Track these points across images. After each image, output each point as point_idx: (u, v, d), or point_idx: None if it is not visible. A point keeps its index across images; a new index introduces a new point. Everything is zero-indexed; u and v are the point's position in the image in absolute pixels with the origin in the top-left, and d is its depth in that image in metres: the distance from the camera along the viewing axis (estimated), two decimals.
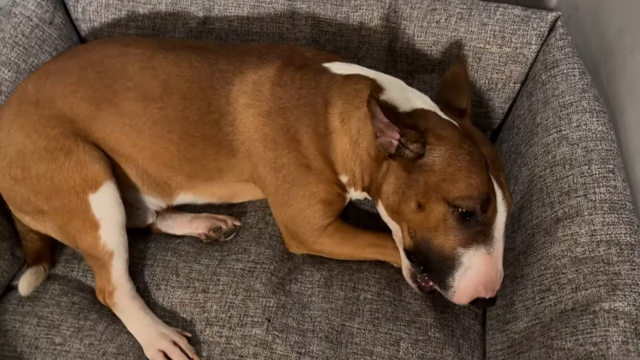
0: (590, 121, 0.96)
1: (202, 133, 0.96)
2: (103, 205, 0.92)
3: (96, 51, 0.97)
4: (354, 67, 0.99)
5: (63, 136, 0.91)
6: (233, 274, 1.02)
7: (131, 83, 0.94)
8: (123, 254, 0.96)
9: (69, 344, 0.95)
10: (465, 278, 0.83)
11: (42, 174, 0.90)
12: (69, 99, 0.93)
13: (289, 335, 0.96)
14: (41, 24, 1.11)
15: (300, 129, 0.95)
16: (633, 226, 0.85)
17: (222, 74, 0.96)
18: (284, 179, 0.97)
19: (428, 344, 0.96)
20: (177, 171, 1.00)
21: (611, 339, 0.77)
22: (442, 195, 0.83)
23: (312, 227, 0.99)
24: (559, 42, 1.07)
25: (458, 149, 0.84)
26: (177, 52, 0.97)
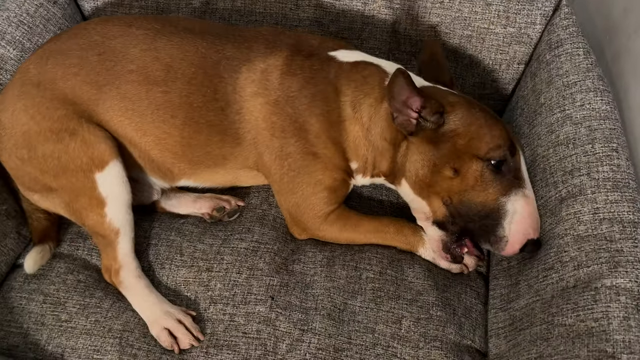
0: (594, 100, 0.95)
1: (207, 120, 0.96)
2: (109, 184, 0.93)
3: (97, 31, 0.96)
4: (358, 54, 1.00)
5: (67, 118, 0.91)
6: (237, 253, 1.03)
7: (133, 65, 0.94)
8: (129, 232, 0.96)
9: (74, 320, 0.96)
10: (515, 223, 0.86)
11: (48, 154, 0.91)
12: (71, 82, 0.93)
13: (292, 313, 0.97)
14: (45, 3, 1.11)
15: (310, 117, 0.95)
16: (636, 204, 0.85)
17: (229, 61, 0.96)
18: (290, 167, 0.97)
19: (430, 322, 0.96)
20: (180, 158, 1.00)
21: (612, 314, 0.77)
22: (473, 154, 0.87)
23: (315, 214, 1.00)
24: (563, 21, 1.06)
25: (472, 109, 0.90)
26: (182, 35, 0.96)
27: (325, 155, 0.97)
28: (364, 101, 0.95)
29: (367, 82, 0.95)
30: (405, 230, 1.03)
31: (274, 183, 1.01)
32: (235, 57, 0.96)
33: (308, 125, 0.95)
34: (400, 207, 1.12)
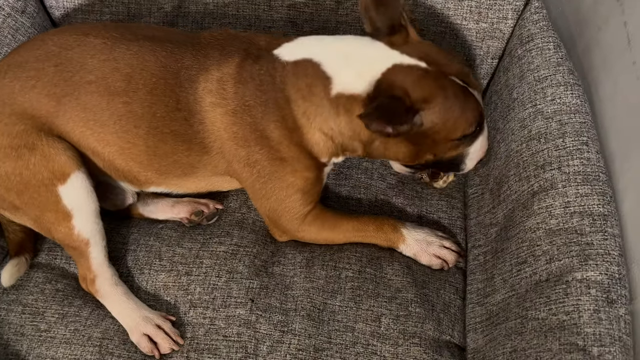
0: (565, 94, 0.96)
1: (171, 129, 0.95)
2: (73, 196, 0.92)
3: (53, 42, 0.94)
4: (300, 44, 0.95)
5: (26, 133, 0.90)
6: (216, 257, 1.03)
7: (92, 76, 0.92)
8: (100, 241, 0.96)
9: (54, 330, 0.96)
10: (473, 159, 0.98)
11: (10, 172, 0.90)
12: (28, 95, 0.92)
13: (272, 315, 0.97)
14: (13, 13, 1.10)
15: (268, 125, 0.94)
16: (606, 197, 0.86)
17: (188, 71, 0.94)
18: (259, 174, 0.97)
19: (409, 319, 0.97)
20: (146, 167, 0.99)
21: (583, 307, 0.78)
22: (450, 139, 0.92)
23: (292, 217, 1.00)
24: (533, 15, 1.07)
25: (445, 99, 0.88)
26: (141, 44, 0.95)
27: (292, 158, 0.96)
28: (317, 113, 0.93)
29: (313, 94, 0.91)
30: (385, 227, 1.04)
31: (247, 189, 1.01)
32: (193, 67, 0.94)
33: (268, 133, 0.94)
34: (379, 205, 1.12)
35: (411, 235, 1.03)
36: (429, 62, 0.88)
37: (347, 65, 0.90)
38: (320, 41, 0.95)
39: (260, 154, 0.95)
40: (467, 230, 1.09)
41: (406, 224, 1.05)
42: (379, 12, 0.91)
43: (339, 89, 0.90)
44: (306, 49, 0.94)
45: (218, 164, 0.99)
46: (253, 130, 0.94)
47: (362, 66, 0.90)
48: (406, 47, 0.90)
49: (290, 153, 0.95)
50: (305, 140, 0.95)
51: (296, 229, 1.02)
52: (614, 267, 0.80)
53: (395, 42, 0.91)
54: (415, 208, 1.12)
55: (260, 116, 0.94)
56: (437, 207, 1.12)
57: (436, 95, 0.87)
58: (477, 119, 0.91)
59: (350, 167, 1.15)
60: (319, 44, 0.94)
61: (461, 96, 0.89)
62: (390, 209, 1.12)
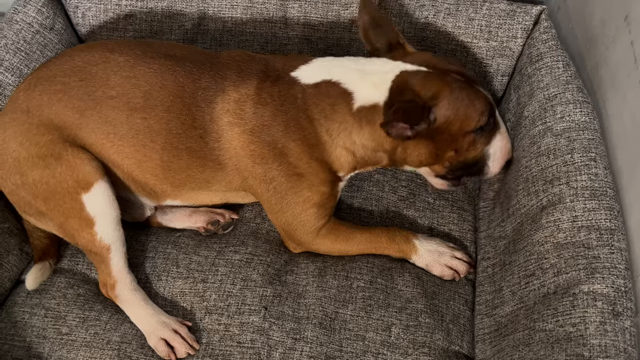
0: (574, 112, 0.98)
1: (186, 146, 0.98)
2: (96, 204, 0.96)
3: (80, 57, 0.99)
4: (316, 66, 1.00)
5: (53, 142, 0.94)
6: (231, 265, 1.06)
7: (113, 92, 0.96)
8: (120, 247, 1.00)
9: (75, 333, 1.00)
10: (496, 160, 1.02)
11: (37, 180, 0.94)
12: (55, 107, 0.96)
13: (284, 322, 1.00)
14: (42, 30, 1.15)
15: (288, 143, 0.97)
16: (613, 212, 0.88)
17: (205, 91, 0.98)
18: (276, 190, 1.00)
19: (418, 329, 0.99)
20: (161, 180, 1.02)
21: (589, 319, 0.80)
22: (465, 131, 0.95)
23: (307, 230, 1.03)
24: (542, 35, 1.09)
25: (452, 91, 0.93)
26: (161, 63, 0.98)
27: (310, 174, 0.99)
28: (340, 129, 0.97)
29: (337, 111, 0.96)
30: (397, 238, 1.06)
31: (263, 203, 1.04)
32: (210, 87, 0.98)
33: (287, 150, 0.98)
34: (391, 217, 1.15)
35: (423, 246, 1.05)
36: (429, 66, 0.96)
37: (363, 79, 0.96)
38: (333, 63, 1.01)
39: (278, 171, 0.99)
40: (477, 242, 1.11)
41: (418, 235, 1.07)
42: (376, 33, 1.01)
43: (361, 102, 0.96)
44: (323, 71, 0.99)
45: (233, 180, 1.03)
46: (271, 148, 0.98)
47: (376, 78, 0.96)
48: (407, 58, 0.98)
49: (309, 169, 0.99)
50: (325, 155, 0.99)
51: (311, 242, 1.05)
52: (620, 281, 0.81)
53: (396, 56, 0.99)
54: (426, 220, 1.14)
55: (280, 135, 0.97)
56: (449, 219, 1.15)
57: (442, 89, 0.92)
58: (486, 107, 0.96)
59: (362, 179, 1.18)
60: (334, 65, 1.00)
61: (466, 88, 0.94)
62: (401, 220, 1.14)
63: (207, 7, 1.21)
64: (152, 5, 1.21)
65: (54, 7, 1.19)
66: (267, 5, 1.21)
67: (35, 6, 1.15)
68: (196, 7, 1.21)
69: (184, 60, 1.00)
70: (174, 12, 1.21)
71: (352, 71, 0.98)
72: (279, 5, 1.21)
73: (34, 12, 1.15)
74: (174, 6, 1.21)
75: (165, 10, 1.21)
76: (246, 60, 1.02)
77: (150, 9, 1.21)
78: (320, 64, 1.01)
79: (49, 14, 1.17)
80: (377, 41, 1.01)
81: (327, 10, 1.21)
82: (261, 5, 1.21)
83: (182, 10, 1.21)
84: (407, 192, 1.18)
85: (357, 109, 0.96)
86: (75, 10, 1.22)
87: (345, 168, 1.01)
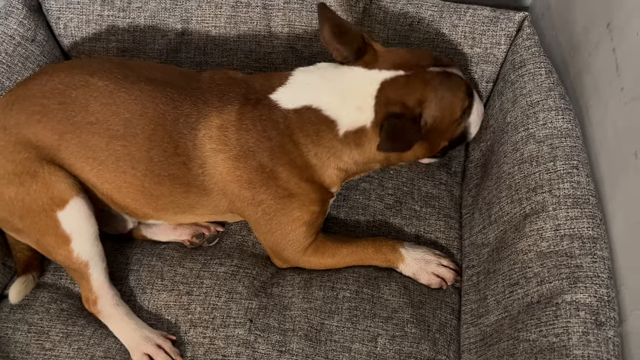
0: (556, 119, 0.98)
1: (169, 173, 0.97)
2: (72, 221, 0.95)
3: (60, 79, 0.97)
4: (294, 89, 0.98)
5: (29, 160, 0.93)
6: (216, 277, 1.06)
7: (93, 118, 0.95)
8: (99, 262, 0.99)
9: (58, 348, 0.99)
10: (476, 126, 1.07)
11: (13, 197, 0.94)
12: (33, 128, 0.95)
13: (270, 335, 0.99)
14: (23, 42, 1.15)
15: (275, 167, 0.96)
16: (595, 220, 0.88)
17: (187, 118, 0.96)
18: (265, 211, 0.99)
19: (405, 339, 0.99)
20: (143, 205, 1.01)
21: (572, 329, 0.80)
22: (454, 122, 1.00)
23: (296, 249, 1.03)
24: (525, 42, 1.09)
25: (435, 91, 0.95)
26: (142, 88, 0.97)
27: (300, 194, 0.98)
28: (329, 154, 0.97)
29: (322, 137, 0.96)
30: (383, 248, 1.06)
31: (251, 223, 1.04)
32: (192, 114, 0.96)
33: (275, 174, 0.97)
34: (377, 225, 1.15)
35: (410, 255, 1.05)
36: (404, 67, 0.95)
37: (344, 103, 0.96)
38: (309, 82, 0.99)
39: (267, 194, 0.98)
40: (462, 250, 1.11)
41: (404, 243, 1.07)
42: (341, 42, 0.97)
43: (346, 128, 0.96)
44: (302, 94, 0.97)
45: (219, 204, 1.02)
46: (259, 173, 0.96)
47: (357, 98, 0.95)
48: (380, 63, 0.96)
49: (299, 189, 0.98)
50: (316, 176, 0.99)
51: (299, 259, 1.05)
52: (603, 290, 0.81)
53: (368, 62, 0.97)
54: (412, 228, 1.14)
55: (266, 160, 0.96)
56: (435, 227, 1.14)
57: (426, 92, 0.94)
58: (466, 92, 0.99)
59: (349, 188, 1.18)
60: (310, 86, 0.98)
61: (445, 81, 0.96)
62: (388, 229, 1.14)
63: (190, 16, 1.21)
64: (134, 15, 1.20)
65: (36, 18, 1.18)
66: (250, 14, 1.20)
67: (16, 18, 1.14)
68: (179, 17, 1.20)
69: (165, 85, 0.98)
70: (157, 22, 1.21)
71: (331, 94, 0.96)
72: (262, 14, 1.20)
73: (15, 24, 1.14)
74: (157, 16, 1.20)
75: (148, 20, 1.21)
76: (227, 83, 1.00)
77: (133, 19, 1.21)
78: (297, 86, 0.99)
79: (31, 25, 1.16)
80: (344, 50, 0.97)
81: (311, 18, 1.20)
82: (245, 15, 1.20)
83: (165, 20, 1.21)
84: (393, 200, 1.17)
85: (343, 134, 0.96)
86: (57, 21, 1.21)
87: (337, 184, 1.02)
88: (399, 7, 1.19)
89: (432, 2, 1.18)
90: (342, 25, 0.97)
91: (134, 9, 1.20)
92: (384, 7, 1.19)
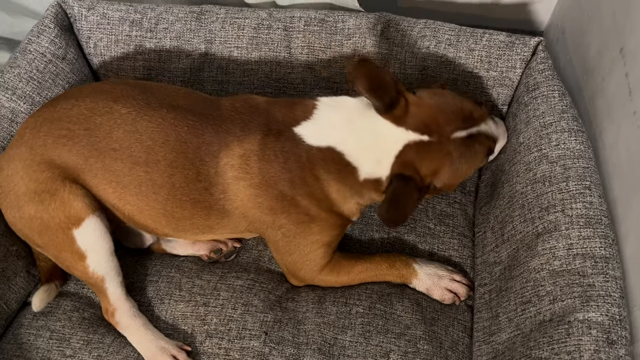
0: (569, 140, 1.00)
1: (190, 198, 0.99)
2: (87, 239, 0.97)
3: (86, 104, 1.00)
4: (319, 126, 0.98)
5: (51, 180, 0.96)
6: (233, 290, 1.08)
7: (117, 145, 0.97)
8: (115, 277, 1.01)
9: (78, 355, 1.02)
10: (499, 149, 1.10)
11: (33, 215, 0.97)
12: (59, 150, 0.97)
13: (284, 348, 1.01)
14: (54, 60, 1.20)
15: (295, 197, 0.98)
16: (608, 240, 0.89)
17: (209, 146, 0.98)
18: (284, 235, 1.01)
19: (417, 356, 1.00)
20: (164, 226, 1.03)
21: (584, 347, 0.80)
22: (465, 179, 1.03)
23: (313, 269, 1.05)
24: (539, 65, 1.12)
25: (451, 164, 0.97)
26: (164, 116, 0.99)
27: (320, 219, 1.00)
28: (351, 192, 0.99)
29: (345, 177, 0.97)
30: (397, 264, 1.08)
31: (269, 243, 1.06)
32: (214, 142, 0.98)
33: (296, 202, 0.98)
34: (391, 242, 1.16)
35: (423, 270, 1.07)
36: (430, 130, 0.94)
37: (367, 154, 0.96)
38: (337, 124, 0.98)
39: (287, 220, 0.99)
40: (474, 268, 1.12)
41: (417, 259, 1.09)
42: (376, 97, 0.94)
43: (365, 176, 0.98)
44: (327, 134, 0.97)
45: (238, 225, 1.04)
46: (279, 200, 0.98)
47: (379, 153, 0.96)
48: (409, 118, 0.95)
49: (319, 216, 1.00)
50: (335, 208, 1.01)
51: (314, 278, 1.07)
52: (614, 309, 0.82)
53: (398, 116, 0.95)
54: (426, 245, 1.15)
55: (287, 189, 0.98)
56: (449, 244, 1.16)
57: (442, 164, 0.96)
58: (487, 153, 1.02)
59: None
60: (338, 130, 0.98)
61: (466, 152, 0.97)
62: (402, 245, 1.16)
63: (214, 37, 1.25)
64: (160, 35, 1.25)
65: (67, 37, 1.24)
66: (271, 36, 1.25)
67: (48, 37, 1.20)
68: (203, 37, 1.25)
69: (187, 112, 0.99)
70: (182, 42, 1.26)
71: (356, 142, 0.97)
72: (283, 36, 1.24)
73: (47, 42, 1.19)
74: (182, 36, 1.25)
75: (174, 41, 1.26)
76: (248, 111, 1.01)
77: (159, 39, 1.25)
78: (323, 124, 0.98)
79: (62, 44, 1.21)
80: (377, 101, 0.94)
81: (330, 40, 1.24)
82: (266, 36, 1.25)
83: (189, 40, 1.26)
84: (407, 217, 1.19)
85: (363, 180, 0.98)
86: (87, 41, 1.26)
87: (357, 214, 1.04)
88: (416, 30, 1.22)
89: (449, 27, 1.21)
90: (378, 78, 0.93)
91: (161, 29, 1.25)
92: (402, 29, 1.22)
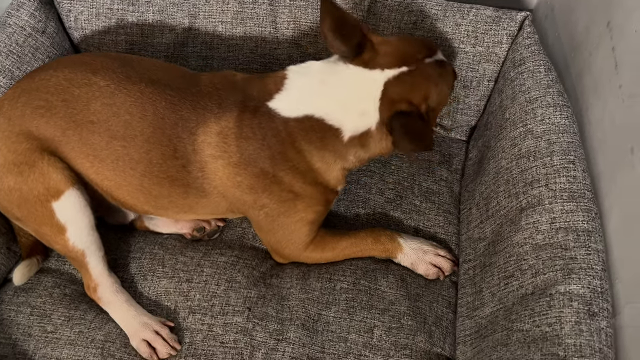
0: (554, 115, 0.99)
1: (168, 175, 0.98)
2: (67, 211, 0.96)
3: (64, 75, 0.98)
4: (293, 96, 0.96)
5: (30, 151, 0.94)
6: (216, 266, 1.07)
7: (94, 117, 0.96)
8: (96, 251, 1.00)
9: (59, 331, 1.01)
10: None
11: (12, 186, 0.95)
12: (37, 121, 0.96)
13: (268, 323, 1.01)
14: (34, 33, 1.17)
15: (277, 173, 0.96)
16: (591, 214, 0.88)
17: (186, 122, 0.96)
18: (267, 214, 0.99)
19: (401, 331, 1.00)
20: (142, 203, 1.02)
21: (565, 319, 0.80)
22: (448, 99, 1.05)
23: (298, 247, 1.04)
24: (526, 40, 1.11)
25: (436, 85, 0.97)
26: (142, 90, 0.97)
27: (304, 196, 0.98)
28: (335, 156, 0.97)
29: (327, 143, 0.96)
30: (382, 238, 1.07)
31: (253, 222, 1.04)
32: (191, 119, 0.96)
33: (278, 179, 0.97)
34: (377, 218, 1.16)
35: (408, 245, 1.06)
36: (407, 61, 0.94)
37: (347, 110, 0.95)
38: (309, 90, 0.97)
39: (269, 199, 0.98)
40: (459, 245, 1.12)
41: (402, 234, 1.08)
42: (343, 39, 0.93)
43: (350, 134, 0.96)
44: (302, 103, 0.96)
45: (219, 205, 1.02)
46: (260, 178, 0.96)
47: (361, 104, 0.94)
48: (380, 59, 0.94)
49: (303, 192, 0.98)
50: (320, 178, 0.99)
51: (299, 255, 1.06)
52: (596, 281, 0.82)
53: (368, 60, 0.94)
54: (412, 222, 1.15)
55: (267, 166, 0.96)
56: (435, 221, 1.15)
57: (429, 87, 0.95)
58: (454, 77, 1.04)
59: (349, 182, 1.19)
60: (311, 96, 0.96)
61: (443, 73, 0.99)
62: (387, 222, 1.15)
63: (198, 11, 1.23)
64: (143, 9, 1.23)
65: (47, 11, 1.21)
66: (257, 11, 1.23)
67: (28, 10, 1.17)
68: (187, 12, 1.23)
69: (165, 87, 0.98)
70: (165, 16, 1.23)
71: (333, 103, 0.95)
72: (268, 11, 1.22)
73: (26, 15, 1.17)
74: (165, 10, 1.23)
75: (157, 15, 1.23)
76: (226, 88, 0.99)
77: (142, 13, 1.23)
78: (295, 92, 0.97)
79: (42, 17, 1.19)
80: (344, 46, 0.93)
81: (316, 15, 1.22)
82: (251, 11, 1.23)
83: (173, 15, 1.23)
84: (394, 194, 1.19)
85: (348, 139, 0.96)
86: (67, 14, 1.24)
87: (342, 181, 1.03)
88: (403, 5, 1.21)
89: (436, 1, 1.20)
90: (343, 19, 0.93)
91: (143, 3, 1.22)
92: (389, 4, 1.21)
